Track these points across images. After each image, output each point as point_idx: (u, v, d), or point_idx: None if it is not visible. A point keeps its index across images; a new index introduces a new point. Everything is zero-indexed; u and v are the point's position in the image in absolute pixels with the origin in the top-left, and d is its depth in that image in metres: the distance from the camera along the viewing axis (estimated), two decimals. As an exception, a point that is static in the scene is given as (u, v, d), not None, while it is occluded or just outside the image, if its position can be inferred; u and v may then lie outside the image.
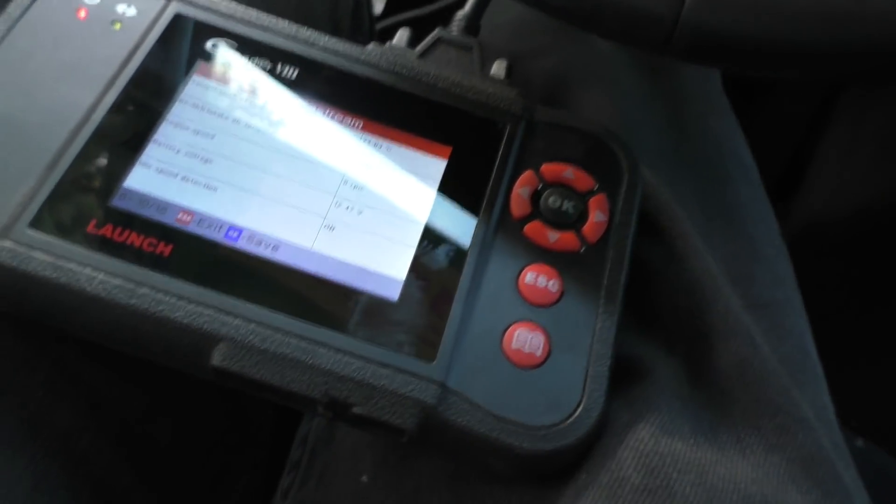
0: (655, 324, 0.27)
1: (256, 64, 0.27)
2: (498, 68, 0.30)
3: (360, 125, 0.27)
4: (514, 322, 0.24)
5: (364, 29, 0.41)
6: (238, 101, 0.26)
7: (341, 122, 0.27)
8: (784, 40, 0.20)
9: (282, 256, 0.24)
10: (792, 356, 0.29)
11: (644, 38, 0.22)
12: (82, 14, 0.27)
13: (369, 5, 0.42)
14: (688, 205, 0.32)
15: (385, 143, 0.27)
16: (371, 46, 0.29)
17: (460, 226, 0.26)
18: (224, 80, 0.27)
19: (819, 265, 0.72)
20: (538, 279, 0.25)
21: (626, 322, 0.27)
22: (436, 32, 0.31)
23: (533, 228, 0.26)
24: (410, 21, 0.64)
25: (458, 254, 0.25)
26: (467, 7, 0.32)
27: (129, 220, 0.23)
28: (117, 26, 0.27)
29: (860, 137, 0.70)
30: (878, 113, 0.69)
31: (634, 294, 0.27)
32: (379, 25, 0.59)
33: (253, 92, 0.27)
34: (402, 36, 0.31)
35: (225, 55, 0.27)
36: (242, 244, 0.24)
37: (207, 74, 0.27)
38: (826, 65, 0.21)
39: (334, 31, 0.37)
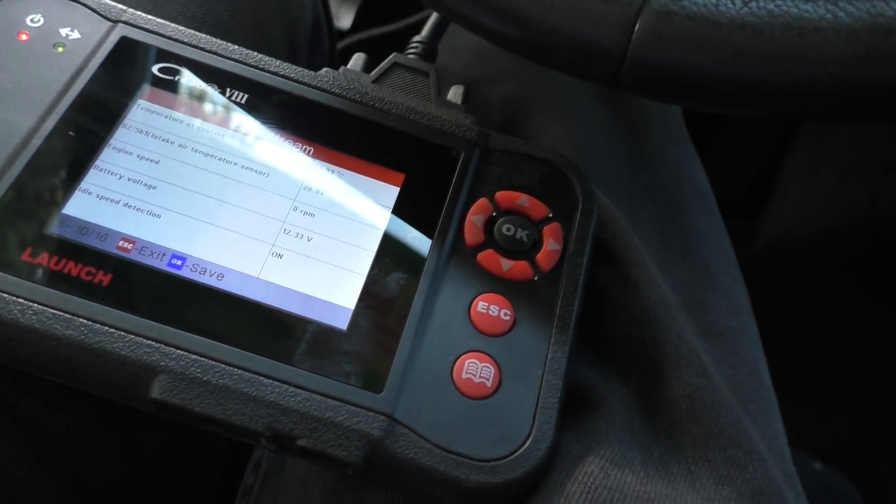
0: (609, 353, 0.27)
1: (204, 88, 0.27)
2: (454, 94, 0.30)
3: (312, 151, 0.26)
4: (465, 352, 0.24)
5: (323, 50, 0.41)
6: (185, 125, 0.26)
7: (292, 147, 0.26)
8: (728, 78, 0.20)
9: (227, 285, 0.23)
10: (745, 384, 0.29)
11: (593, 71, 0.22)
12: (24, 37, 0.26)
13: (330, 25, 0.42)
14: (645, 232, 0.32)
15: (337, 170, 0.26)
16: (324, 71, 0.29)
17: (412, 254, 0.25)
18: (171, 105, 0.26)
19: (782, 283, 0.73)
20: (490, 308, 0.25)
21: (580, 351, 0.27)
22: (392, 57, 0.30)
23: (486, 257, 0.26)
24: (375, 39, 0.64)
25: (410, 282, 0.24)
26: (424, 32, 0.32)
27: (68, 249, 0.23)
28: (60, 49, 0.26)
29: (822, 159, 0.72)
30: (838, 136, 0.70)
31: (589, 322, 0.27)
32: (342, 43, 0.59)
33: (200, 117, 0.26)
34: (357, 60, 0.30)
35: (172, 79, 0.27)
36: (186, 273, 0.23)
37: (153, 99, 0.26)
38: (769, 103, 0.21)
39: (291, 51, 0.37)
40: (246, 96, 0.27)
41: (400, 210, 0.26)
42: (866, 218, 0.70)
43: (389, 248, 0.25)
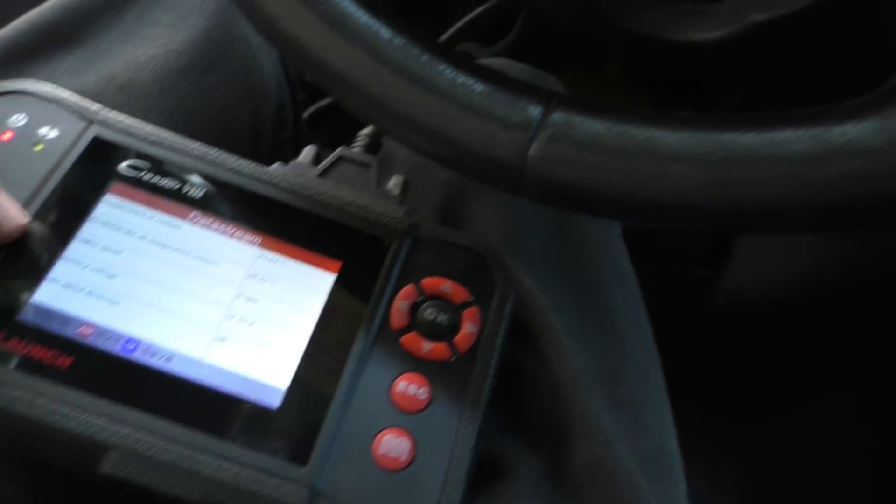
0: (523, 424, 0.30)
1: (166, 184, 0.30)
2: (394, 184, 0.34)
3: (259, 241, 0.30)
4: (385, 428, 0.27)
5: (287, 129, 0.44)
6: (146, 218, 0.29)
7: (241, 238, 0.30)
8: (606, 194, 0.24)
9: (174, 367, 0.26)
10: (648, 451, 0.32)
11: (497, 181, 0.25)
12: (7, 136, 0.29)
13: (296, 105, 0.46)
14: (566, 309, 0.35)
15: (280, 258, 0.30)
16: (275, 166, 0.32)
17: (342, 337, 0.28)
18: (135, 199, 0.29)
19: (742, 336, 0.76)
20: (409, 387, 0.28)
21: (498, 421, 0.30)
22: (338, 151, 0.34)
23: (409, 339, 0.29)
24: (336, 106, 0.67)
25: (338, 364, 0.28)
26: (369, 126, 0.36)
27: (34, 334, 0.26)
28: (39, 147, 0.29)
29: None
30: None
31: (507, 394, 0.30)
32: (310, 110, 0.62)
33: (160, 210, 0.30)
34: (307, 153, 0.34)
35: (137, 176, 0.30)
36: (138, 356, 0.26)
37: (120, 193, 0.29)
38: (642, 216, 0.24)
39: (256, 134, 0.40)
40: (203, 191, 0.30)
41: (335, 296, 0.29)
42: (813, 279, 0.73)
43: (322, 331, 0.28)
